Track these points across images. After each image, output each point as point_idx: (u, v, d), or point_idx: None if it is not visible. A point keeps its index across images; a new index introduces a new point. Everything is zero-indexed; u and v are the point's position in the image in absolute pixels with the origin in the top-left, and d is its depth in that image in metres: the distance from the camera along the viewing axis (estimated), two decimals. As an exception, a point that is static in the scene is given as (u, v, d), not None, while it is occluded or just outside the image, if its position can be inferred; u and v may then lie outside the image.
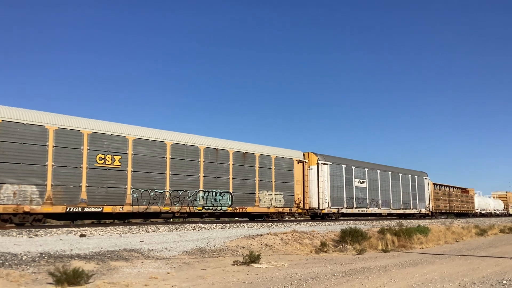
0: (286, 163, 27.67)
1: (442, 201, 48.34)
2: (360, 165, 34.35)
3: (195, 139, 22.81)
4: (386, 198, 36.60)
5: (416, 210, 41.22)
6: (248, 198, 24.83)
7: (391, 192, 37.47)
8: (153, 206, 20.33)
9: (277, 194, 26.68)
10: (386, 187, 36.97)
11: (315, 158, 29.95)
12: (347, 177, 32.28)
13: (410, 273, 10.39)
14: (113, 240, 12.76)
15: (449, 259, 13.54)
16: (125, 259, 10.31)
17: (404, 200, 39.38)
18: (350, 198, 32.14)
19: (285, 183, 27.41)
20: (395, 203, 37.94)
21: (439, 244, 19.25)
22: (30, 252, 9.84)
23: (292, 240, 15.73)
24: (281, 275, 9.68)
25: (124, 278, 8.51)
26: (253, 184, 25.25)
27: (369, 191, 34.55)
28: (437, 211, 46.95)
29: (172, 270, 9.67)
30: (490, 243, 20.27)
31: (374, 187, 35.31)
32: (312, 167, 29.69)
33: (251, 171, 25.30)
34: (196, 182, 22.30)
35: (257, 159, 25.69)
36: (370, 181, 34.87)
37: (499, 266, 11.93)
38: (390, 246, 16.46)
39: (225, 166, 23.83)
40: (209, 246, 13.09)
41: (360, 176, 33.80)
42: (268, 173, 26.34)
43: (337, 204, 30.77)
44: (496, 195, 72.90)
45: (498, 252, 16.13)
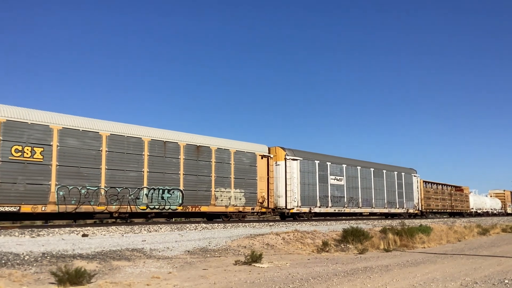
0: (248, 158, 25.31)
1: (434, 200, 46.09)
2: (336, 161, 31.82)
3: (138, 130, 20.48)
4: (367, 196, 34.17)
5: (403, 210, 38.77)
6: (202, 196, 22.58)
7: (373, 190, 34.98)
8: (85, 206, 18.09)
9: (237, 191, 24.38)
10: (368, 185, 34.47)
11: (282, 153, 27.59)
12: (321, 173, 29.80)
13: (412, 273, 10.38)
14: (115, 239, 12.79)
15: (451, 259, 13.53)
16: (127, 259, 10.33)
17: (389, 198, 36.88)
18: (324, 197, 29.73)
19: (246, 179, 25.01)
20: (378, 201, 35.45)
21: (441, 244, 19.23)
22: (32, 252, 9.87)
23: (294, 240, 15.73)
24: (283, 274, 9.68)
25: (126, 278, 8.53)
26: (208, 180, 22.94)
27: (347, 189, 32.05)
28: (428, 211, 44.86)
29: (174, 270, 9.69)
30: (492, 243, 20.24)
31: (353, 185, 32.84)
32: (279, 162, 27.42)
33: (206, 166, 23.00)
34: (139, 178, 20.05)
35: (214, 153, 23.39)
36: (348, 178, 32.41)
37: (501, 266, 11.92)
38: (392, 246, 16.45)
39: (174, 161, 21.54)
40: (211, 245, 13.10)
41: (337, 172, 31.29)
42: (226, 169, 24.02)
43: (309, 203, 28.44)
44: (494, 193, 70.30)
45: (500, 251, 16.11)
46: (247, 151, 25.46)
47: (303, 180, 28.18)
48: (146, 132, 20.70)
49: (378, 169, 36.08)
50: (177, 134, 22.27)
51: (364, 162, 35.07)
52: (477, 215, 57.65)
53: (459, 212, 53.38)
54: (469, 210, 55.71)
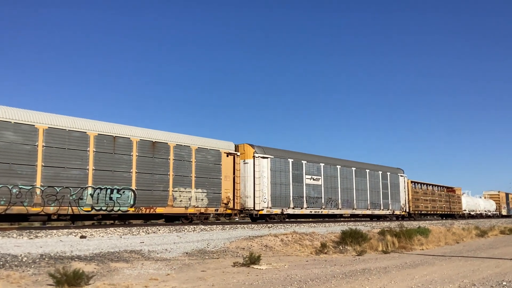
0: (211, 156, 23.64)
1: (423, 201, 44.35)
2: (313, 160, 29.98)
3: (82, 123, 18.69)
4: (348, 197, 32.38)
5: (389, 211, 36.96)
6: (159, 197, 20.91)
7: (354, 190, 33.18)
8: (17, 206, 16.34)
9: (198, 192, 22.66)
10: (349, 185, 32.73)
11: (251, 150, 25.78)
12: (296, 173, 28.06)
13: (410, 275, 10.38)
14: (114, 241, 12.77)
15: (449, 260, 13.54)
16: (125, 261, 10.31)
17: (373, 199, 35.07)
18: (298, 197, 28.04)
19: (209, 179, 23.32)
20: (361, 203, 33.70)
21: (440, 245, 19.24)
22: (30, 253, 9.85)
23: (292, 241, 15.73)
24: (281, 276, 9.68)
25: (124, 280, 8.52)
26: (165, 179, 21.25)
27: (325, 189, 30.26)
28: (416, 212, 43.01)
29: (172, 272, 9.68)
30: (490, 245, 20.27)
31: (332, 185, 31.03)
32: (247, 161, 25.70)
33: (163, 164, 21.28)
34: (83, 176, 18.25)
35: (172, 150, 21.67)
36: (326, 177, 30.61)
37: (500, 268, 11.93)
38: (390, 247, 16.45)
39: (126, 158, 19.79)
40: (209, 247, 13.09)
41: (314, 172, 29.48)
42: (186, 167, 22.31)
43: (281, 204, 26.82)
44: (488, 195, 68.36)
45: (498, 253, 16.12)
46: (211, 148, 23.82)
47: (274, 180, 26.59)
48: (92, 126, 18.95)
49: (360, 169, 34.38)
50: (130, 128, 20.50)
51: (344, 161, 33.51)
52: (470, 217, 55.90)
53: (451, 214, 51.85)
54: (462, 212, 54.25)
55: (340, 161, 32.85)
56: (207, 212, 23.15)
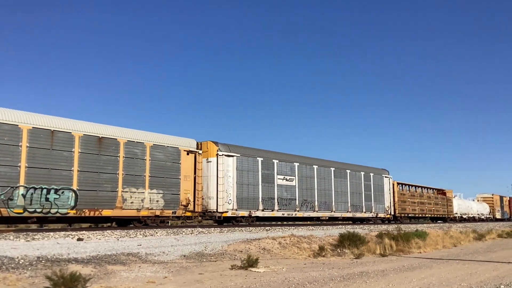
0: (169, 154, 21.65)
1: (410, 203, 42.50)
2: (286, 159, 28.12)
3: (14, 115, 16.83)
4: (326, 199, 30.49)
5: (371, 214, 35.08)
6: (106, 198, 18.87)
7: (333, 192, 31.21)
8: None
9: (153, 192, 20.77)
10: (327, 186, 30.80)
11: (214, 148, 24.07)
12: (266, 172, 26.20)
13: (408, 278, 10.38)
14: (111, 244, 12.73)
15: (447, 264, 13.55)
16: (122, 263, 10.28)
17: (354, 202, 33.23)
18: (269, 199, 26.20)
19: (167, 178, 21.41)
20: (340, 205, 31.77)
21: (437, 249, 19.26)
22: (27, 255, 9.81)
23: (290, 244, 15.71)
24: (279, 279, 9.66)
25: (121, 282, 8.50)
26: (114, 179, 19.22)
27: (299, 190, 28.34)
28: (403, 215, 41.18)
29: (170, 274, 9.65)
30: (488, 248, 20.29)
31: (307, 186, 29.11)
32: (211, 159, 23.97)
33: (112, 162, 19.23)
34: (13, 174, 16.38)
35: (122, 146, 19.65)
36: (301, 178, 28.71)
37: (497, 271, 11.94)
38: (388, 251, 16.46)
39: (66, 154, 17.85)
40: (207, 250, 13.07)
41: (287, 172, 27.68)
42: (139, 166, 20.32)
43: (249, 206, 25.03)
44: (481, 197, 65.90)
45: (496, 256, 16.14)
46: (169, 145, 21.79)
47: (241, 180, 24.75)
48: (26, 119, 17.12)
49: (340, 169, 32.44)
50: (72, 122, 18.58)
51: (322, 161, 31.62)
52: (463, 221, 53.83)
53: (441, 217, 49.90)
54: (453, 215, 52.07)
55: (317, 160, 31.02)
56: (163, 214, 21.19)
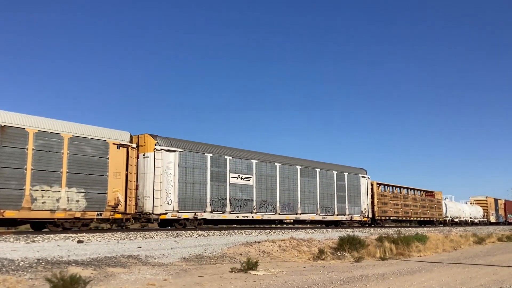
0: (94, 147, 19.20)
1: (393, 205, 39.60)
2: (242, 155, 25.77)
3: None
4: (290, 200, 28.11)
5: (345, 217, 32.61)
6: (9, 197, 16.48)
7: (299, 192, 28.77)
8: None
9: (72, 191, 18.15)
10: (292, 186, 28.40)
11: (152, 142, 21.54)
12: (216, 170, 23.90)
13: (408, 281, 10.38)
14: (111, 246, 12.74)
15: (447, 267, 13.54)
16: (122, 266, 10.29)
17: (324, 203, 30.71)
18: (220, 199, 23.84)
19: (90, 175, 18.86)
20: (308, 207, 29.37)
21: (437, 252, 19.25)
22: (27, 258, 9.82)
23: (290, 247, 15.71)
24: (279, 282, 9.66)
25: (121, 285, 8.50)
26: (20, 175, 16.75)
27: (257, 190, 26.01)
28: (384, 218, 38.53)
29: (170, 277, 9.65)
30: (488, 252, 20.27)
31: (268, 186, 26.73)
32: (148, 154, 21.40)
33: (17, 156, 16.77)
34: None
35: (32, 137, 17.19)
36: (260, 177, 26.39)
37: (497, 275, 11.93)
38: (388, 254, 16.44)
39: None
40: (207, 253, 13.07)
41: (242, 170, 25.36)
42: (55, 160, 17.78)
43: (194, 207, 22.62)
44: (475, 200, 63.23)
45: (496, 260, 16.13)
46: (93, 137, 19.28)
47: (184, 178, 22.36)
48: None
49: (308, 167, 30.00)
50: None
51: (286, 158, 29.18)
52: (454, 224, 51.46)
53: (429, 220, 46.99)
54: (442, 218, 49.49)
55: (280, 158, 28.61)
56: (85, 216, 18.62)
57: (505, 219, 68.61)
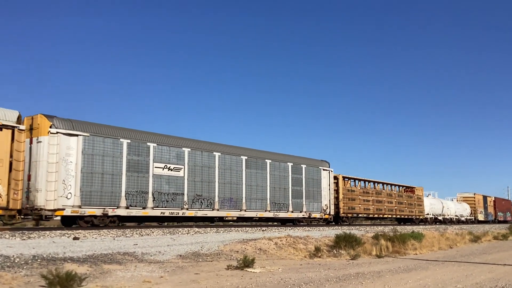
0: None
1: (362, 202, 36.18)
2: (169, 142, 22.33)
3: None
4: (232, 195, 24.81)
5: (302, 214, 29.21)
6: None
7: (244, 186, 25.44)
8: None
9: None
10: (235, 179, 25.02)
11: (47, 124, 18.17)
12: (135, 159, 20.44)
13: (404, 279, 10.40)
14: (107, 243, 12.71)
15: (442, 265, 13.58)
16: (118, 263, 10.26)
17: (276, 198, 27.38)
18: (139, 193, 20.47)
19: None
20: (255, 202, 26.08)
21: (433, 250, 19.31)
22: (23, 254, 9.78)
23: (286, 245, 15.72)
24: (275, 279, 9.67)
25: (117, 282, 8.48)
26: None
27: (190, 183, 22.65)
28: (351, 216, 35.19)
29: (166, 274, 9.64)
30: (483, 250, 20.34)
31: (204, 178, 23.39)
32: (42, 138, 18.04)
33: None
34: None
35: None
36: (194, 167, 22.99)
37: (493, 273, 11.97)
38: (384, 252, 16.49)
39: None
40: (203, 250, 13.06)
41: (171, 159, 22.01)
42: None
43: (104, 202, 19.37)
44: (461, 197, 59.70)
45: (491, 258, 16.18)
46: None
47: (90, 167, 19.08)
48: None
49: (256, 158, 26.67)
50: None
51: (229, 147, 25.80)
52: (438, 222, 48.28)
53: (408, 218, 43.38)
54: (423, 216, 45.81)
55: (221, 146, 25.26)
56: None
57: (494, 217, 65.84)
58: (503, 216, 69.03)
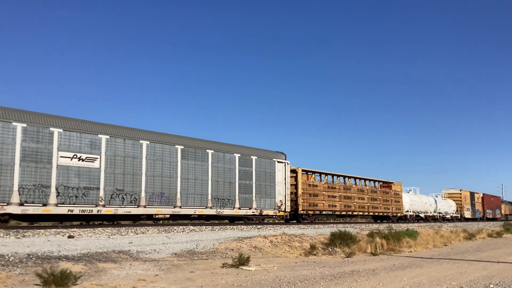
0: None
1: (327, 198, 32.73)
2: (80, 128, 19.25)
3: None
4: (165, 189, 21.85)
5: (251, 211, 26.18)
6: None
7: (179, 179, 22.51)
8: None
9: None
10: (167, 171, 22.05)
11: None
12: (34, 147, 17.61)
13: (399, 277, 10.44)
14: (102, 241, 12.70)
15: (437, 263, 13.63)
16: (113, 261, 10.25)
17: (220, 194, 24.48)
18: (38, 187, 17.56)
19: None
20: (193, 198, 23.13)
21: (428, 248, 19.37)
22: (17, 253, 9.76)
23: (282, 243, 15.74)
24: (270, 277, 9.68)
25: (112, 280, 8.47)
26: None
27: (108, 175, 19.60)
28: (312, 213, 31.49)
29: (161, 272, 9.64)
30: (478, 247, 20.44)
31: (127, 170, 20.35)
32: None
33: None
34: None
35: None
36: (114, 158, 19.91)
37: (487, 270, 12.03)
38: (379, 250, 16.54)
39: None
40: (198, 248, 13.06)
41: (82, 147, 19.02)
42: None
43: None
44: (447, 193, 56.44)
45: (485, 256, 16.27)
46: None
47: None
48: None
49: (194, 148, 23.69)
50: None
51: (160, 135, 22.55)
52: (421, 220, 45.56)
53: (383, 215, 40.09)
54: (401, 213, 42.29)
55: (150, 134, 22.04)
56: None
57: (483, 215, 62.84)
58: (492, 213, 66.43)
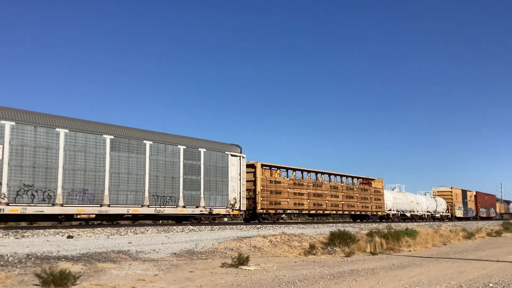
0: None
1: (292, 195, 29.54)
2: None
3: None
4: (88, 185, 18.93)
5: (200, 209, 23.48)
6: None
7: (108, 173, 19.67)
8: None
9: None
10: (93, 165, 19.20)
11: None
12: None
13: (398, 276, 10.44)
14: (101, 241, 12.69)
15: (436, 262, 13.64)
16: (112, 261, 10.24)
17: (159, 190, 21.63)
18: None
19: None
20: (125, 195, 20.26)
21: (427, 247, 19.39)
22: (16, 253, 9.75)
23: (281, 243, 15.74)
24: (270, 277, 9.68)
25: (111, 280, 8.46)
26: None
27: (12, 168, 16.83)
28: (274, 212, 28.38)
29: (160, 272, 9.63)
30: (477, 247, 20.46)
31: (38, 162, 17.51)
32: None
33: None
34: None
35: None
36: (20, 148, 17.09)
37: (486, 270, 12.04)
38: (378, 249, 16.54)
39: None
40: (198, 248, 13.05)
41: None
42: None
43: None
44: (437, 191, 53.97)
45: (485, 255, 16.28)
46: None
47: None
48: None
49: (128, 138, 20.77)
50: None
51: (83, 123, 19.53)
52: (407, 220, 42.70)
53: (361, 214, 37.14)
54: (383, 212, 39.33)
55: (70, 121, 19.06)
56: None
57: (476, 214, 60.65)
58: (486, 212, 64.31)
